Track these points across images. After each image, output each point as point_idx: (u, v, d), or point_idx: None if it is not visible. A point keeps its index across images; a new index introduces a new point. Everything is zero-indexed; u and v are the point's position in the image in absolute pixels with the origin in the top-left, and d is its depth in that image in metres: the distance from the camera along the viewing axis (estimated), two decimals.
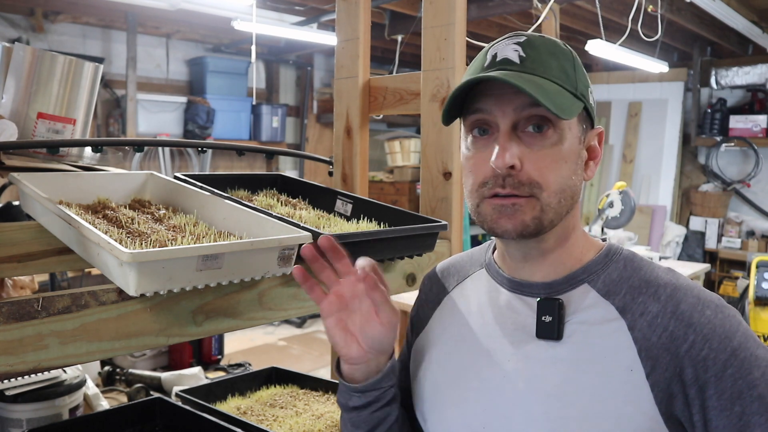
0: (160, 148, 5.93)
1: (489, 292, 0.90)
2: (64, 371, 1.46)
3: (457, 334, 0.91)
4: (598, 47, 4.45)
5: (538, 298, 0.82)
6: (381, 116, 2.01)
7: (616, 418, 0.74)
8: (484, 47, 0.84)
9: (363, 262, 0.81)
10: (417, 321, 1.00)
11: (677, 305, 0.76)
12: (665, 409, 0.74)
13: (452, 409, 0.87)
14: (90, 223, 0.87)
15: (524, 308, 0.84)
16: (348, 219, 1.23)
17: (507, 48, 0.79)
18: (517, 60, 0.78)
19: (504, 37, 0.82)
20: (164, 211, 1.05)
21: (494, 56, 0.80)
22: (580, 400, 0.76)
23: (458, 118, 0.84)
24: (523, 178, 0.77)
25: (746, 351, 0.73)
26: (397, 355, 0.93)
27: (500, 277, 0.89)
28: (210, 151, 4.57)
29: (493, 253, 0.93)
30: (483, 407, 0.83)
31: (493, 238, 0.90)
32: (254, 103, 6.44)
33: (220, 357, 2.26)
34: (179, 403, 1.39)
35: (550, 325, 0.80)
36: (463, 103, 0.81)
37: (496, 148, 0.77)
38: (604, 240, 0.89)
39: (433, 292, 0.99)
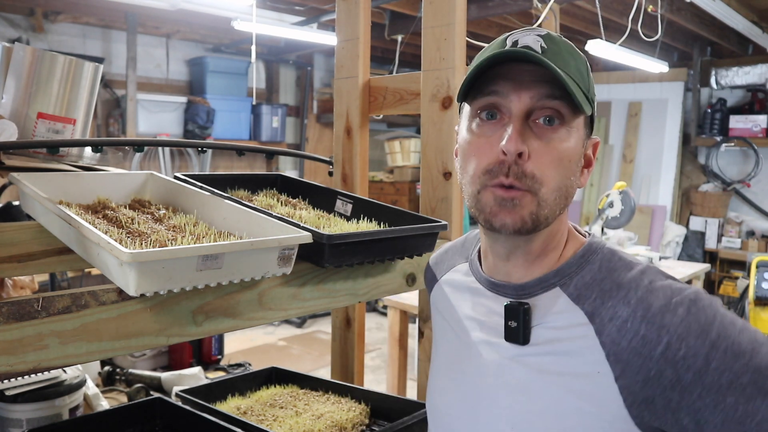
0: (160, 148, 5.93)
1: (470, 288, 0.92)
2: (64, 371, 1.46)
3: (445, 325, 0.95)
4: (598, 47, 4.45)
5: (507, 302, 0.82)
6: (381, 116, 2.01)
7: (579, 417, 0.74)
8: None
9: None
10: (429, 307, 1.05)
11: (648, 308, 0.73)
12: (637, 412, 0.73)
13: (439, 396, 0.93)
14: (90, 223, 0.87)
15: (498, 308, 0.84)
16: (348, 219, 1.23)
17: (528, 37, 0.77)
18: (538, 50, 0.76)
19: (522, 28, 0.81)
20: (164, 211, 1.05)
21: (515, 42, 0.77)
22: (546, 397, 0.77)
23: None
24: (526, 169, 0.75)
25: (726, 340, 0.70)
26: None
27: (479, 275, 0.90)
28: (210, 151, 4.57)
29: (477, 248, 0.94)
30: (460, 397, 0.87)
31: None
32: (254, 103, 6.44)
33: (220, 357, 2.26)
34: (179, 403, 1.39)
35: (516, 330, 0.80)
36: (471, 85, 0.79)
37: (509, 132, 0.75)
38: (589, 234, 0.87)
39: (428, 279, 1.05)
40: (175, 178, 1.17)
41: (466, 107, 0.82)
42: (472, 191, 0.79)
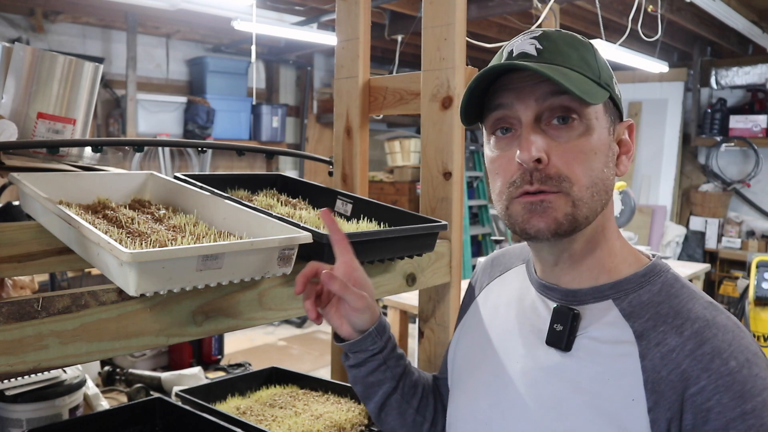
0: (160, 148, 5.93)
1: (521, 289, 0.90)
2: (64, 371, 1.46)
3: (485, 326, 0.92)
4: (598, 47, 4.44)
5: (555, 305, 0.81)
6: (381, 116, 2.01)
7: None
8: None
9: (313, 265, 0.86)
10: (462, 306, 1.03)
11: (700, 345, 0.70)
12: None
13: (465, 398, 0.90)
14: (90, 223, 0.87)
15: (544, 311, 0.83)
16: (348, 219, 1.23)
17: (523, 43, 0.77)
18: (534, 52, 0.75)
19: (520, 34, 0.80)
20: (164, 211, 1.05)
21: (510, 52, 0.77)
22: (574, 417, 0.74)
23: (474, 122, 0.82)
24: (551, 171, 0.73)
25: (758, 419, 0.66)
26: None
27: (532, 276, 0.89)
28: (210, 151, 4.57)
29: None
30: (489, 403, 0.84)
31: None
32: (254, 103, 6.44)
33: (220, 357, 2.26)
34: (179, 403, 1.39)
35: (560, 334, 0.78)
36: (482, 105, 0.79)
37: (522, 142, 0.74)
38: (653, 256, 0.84)
39: (479, 280, 1.02)
40: (175, 178, 1.17)
41: (484, 128, 0.82)
42: (502, 207, 0.79)
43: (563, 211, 0.74)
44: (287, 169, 7.20)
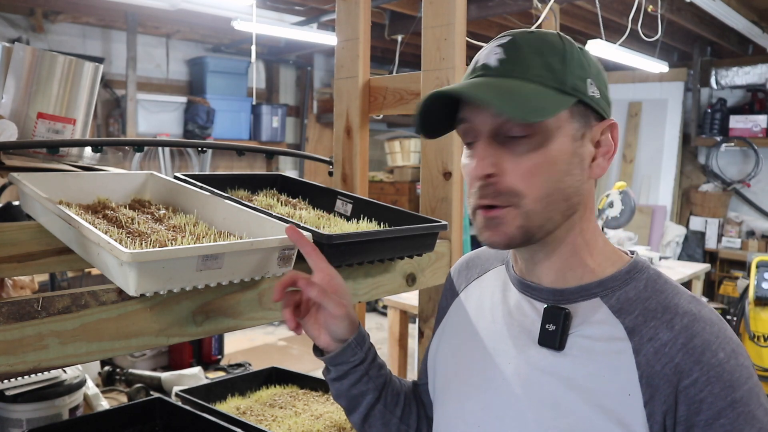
0: (160, 148, 5.93)
1: (503, 290, 0.90)
2: (64, 371, 1.46)
3: (469, 329, 0.92)
4: (598, 47, 4.44)
5: (546, 305, 0.81)
6: (381, 116, 2.01)
7: None
8: (483, 47, 0.83)
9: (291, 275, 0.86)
10: (440, 310, 1.03)
11: (691, 338, 0.72)
12: None
13: (454, 403, 0.89)
14: (90, 223, 0.87)
15: (531, 312, 0.83)
16: (348, 219, 1.23)
17: (490, 53, 0.78)
18: (495, 64, 0.77)
19: (492, 39, 0.81)
20: (164, 211, 1.05)
21: (476, 62, 0.80)
22: (573, 415, 0.75)
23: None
24: (501, 187, 0.76)
25: (746, 407, 0.70)
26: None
27: (512, 276, 0.89)
28: (210, 151, 4.57)
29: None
30: (481, 406, 0.84)
31: None
32: (254, 103, 6.44)
33: (220, 357, 2.26)
34: (179, 403, 1.39)
35: (553, 334, 0.79)
36: (456, 113, 0.82)
37: (475, 157, 0.77)
38: (632, 253, 0.86)
39: (456, 283, 1.02)
40: (175, 178, 1.17)
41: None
42: (471, 211, 0.82)
43: (514, 225, 0.76)
44: (287, 169, 7.21)
